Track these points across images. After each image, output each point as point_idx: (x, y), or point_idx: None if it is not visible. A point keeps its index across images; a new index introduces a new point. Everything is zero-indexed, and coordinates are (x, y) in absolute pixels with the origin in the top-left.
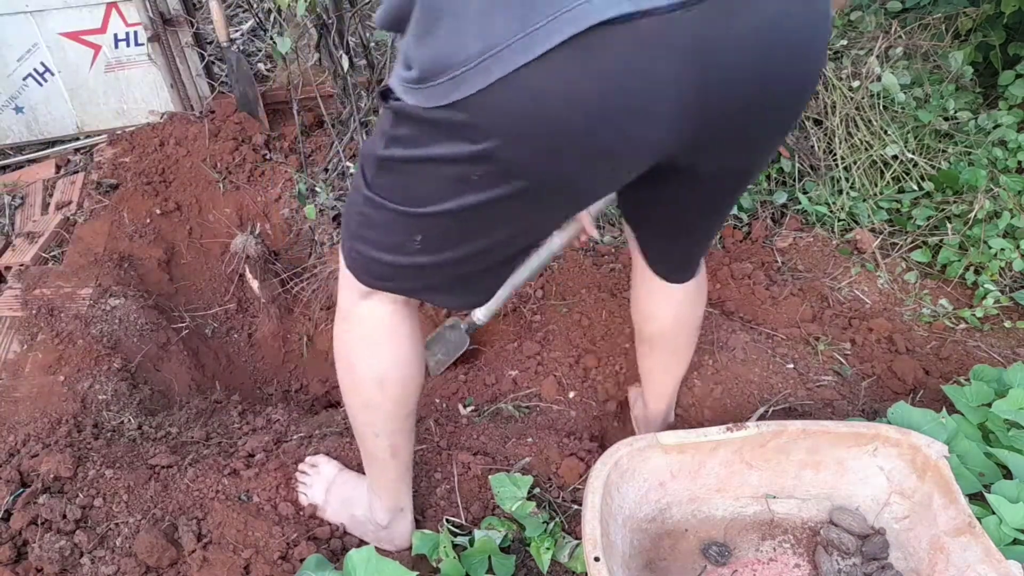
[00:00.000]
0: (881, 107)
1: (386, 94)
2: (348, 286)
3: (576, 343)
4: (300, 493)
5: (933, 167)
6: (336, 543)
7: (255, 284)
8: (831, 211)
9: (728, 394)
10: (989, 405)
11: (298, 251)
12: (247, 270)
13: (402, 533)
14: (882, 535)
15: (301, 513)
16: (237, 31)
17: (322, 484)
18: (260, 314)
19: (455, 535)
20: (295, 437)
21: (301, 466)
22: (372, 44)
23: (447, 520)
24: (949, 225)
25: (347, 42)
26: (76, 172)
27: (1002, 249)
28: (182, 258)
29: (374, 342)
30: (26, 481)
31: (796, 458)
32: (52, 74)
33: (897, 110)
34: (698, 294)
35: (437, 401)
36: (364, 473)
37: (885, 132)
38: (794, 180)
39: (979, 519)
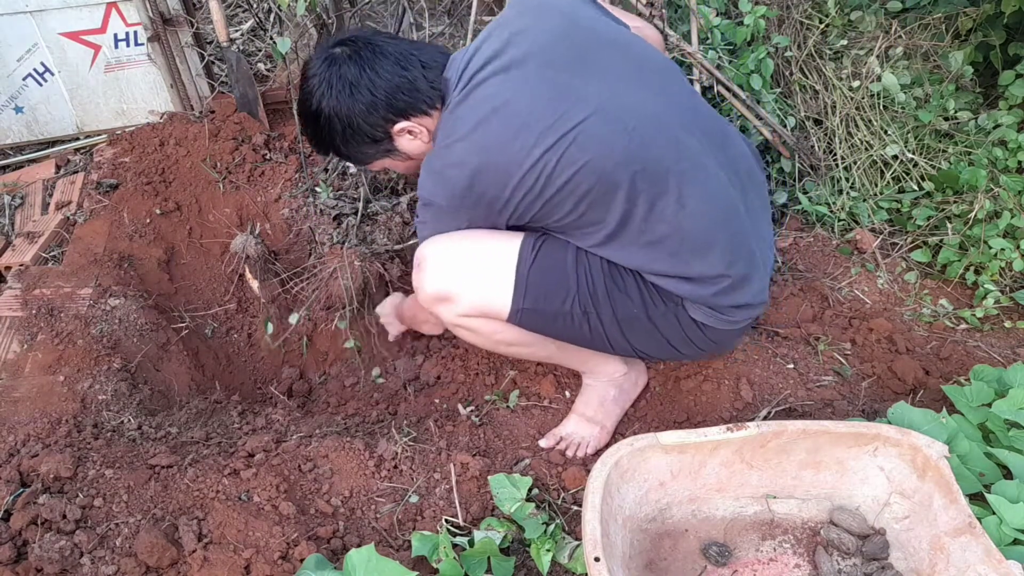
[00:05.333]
0: (881, 107)
1: None
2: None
3: None
4: (575, 454)
5: (933, 167)
6: (336, 543)
7: (255, 284)
8: (831, 211)
9: (729, 394)
10: (989, 405)
11: (298, 251)
12: (247, 270)
13: (635, 368)
14: (882, 535)
15: (301, 513)
16: (237, 31)
17: (589, 432)
18: (260, 314)
19: (454, 536)
20: (295, 437)
21: (558, 447)
22: None
23: (446, 520)
24: (949, 225)
25: None
26: (76, 172)
27: (1002, 249)
28: (182, 258)
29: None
30: (26, 481)
31: (796, 458)
32: (52, 74)
33: (897, 110)
34: None
35: (437, 401)
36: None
37: (885, 132)
38: (794, 180)
39: (979, 519)
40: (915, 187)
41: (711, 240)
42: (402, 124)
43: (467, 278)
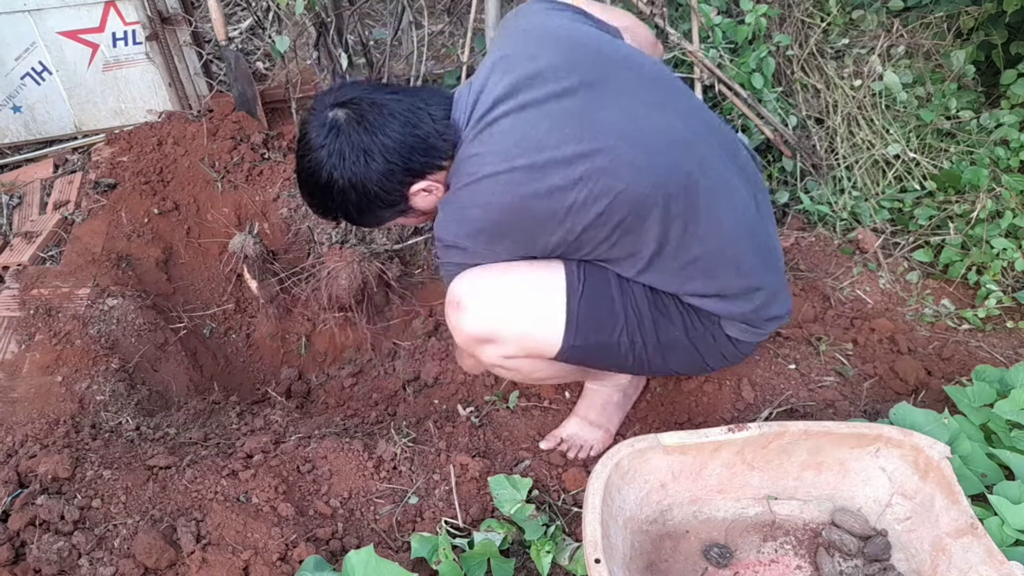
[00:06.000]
0: (883, 106)
1: None
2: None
3: None
4: (577, 456)
5: (935, 166)
6: (335, 544)
7: (253, 284)
8: (833, 211)
9: (730, 395)
10: (991, 406)
11: (296, 251)
12: (245, 270)
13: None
14: (884, 536)
15: (300, 514)
16: (235, 29)
17: (592, 436)
18: (258, 314)
19: (454, 537)
20: (293, 438)
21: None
22: (371, 43)
23: (446, 522)
24: (951, 225)
25: (346, 40)
26: (74, 171)
27: (1004, 249)
28: (180, 258)
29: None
30: (24, 482)
31: (798, 459)
32: (50, 73)
33: (899, 109)
34: None
35: (436, 402)
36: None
37: (887, 131)
38: (796, 180)
39: (981, 520)
40: (917, 187)
41: (742, 254)
42: (419, 185)
43: (514, 318)
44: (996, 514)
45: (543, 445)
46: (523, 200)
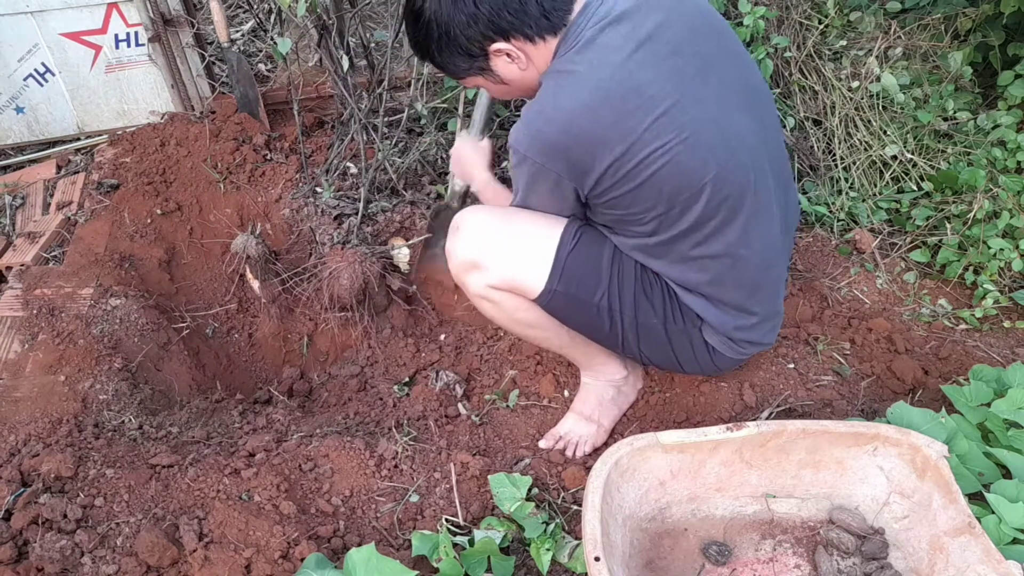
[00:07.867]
0: (880, 107)
1: None
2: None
3: None
4: (575, 453)
5: (932, 167)
6: (337, 542)
7: (256, 284)
8: (830, 211)
9: (729, 395)
10: (988, 405)
11: (299, 251)
12: (247, 270)
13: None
14: (881, 535)
15: (302, 512)
16: (237, 32)
17: (586, 431)
18: (261, 314)
19: (454, 535)
20: (295, 436)
21: (557, 446)
22: (372, 45)
23: (446, 520)
24: (948, 225)
25: (347, 43)
26: (77, 172)
27: (1001, 249)
28: (183, 258)
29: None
30: (27, 481)
31: (796, 458)
32: (53, 74)
33: (896, 110)
34: None
35: (436, 401)
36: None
37: (884, 132)
38: (794, 180)
39: (979, 519)
40: (914, 187)
41: (753, 277)
42: (501, 45)
43: (504, 249)
44: (993, 512)
45: (542, 444)
46: (600, 129)
